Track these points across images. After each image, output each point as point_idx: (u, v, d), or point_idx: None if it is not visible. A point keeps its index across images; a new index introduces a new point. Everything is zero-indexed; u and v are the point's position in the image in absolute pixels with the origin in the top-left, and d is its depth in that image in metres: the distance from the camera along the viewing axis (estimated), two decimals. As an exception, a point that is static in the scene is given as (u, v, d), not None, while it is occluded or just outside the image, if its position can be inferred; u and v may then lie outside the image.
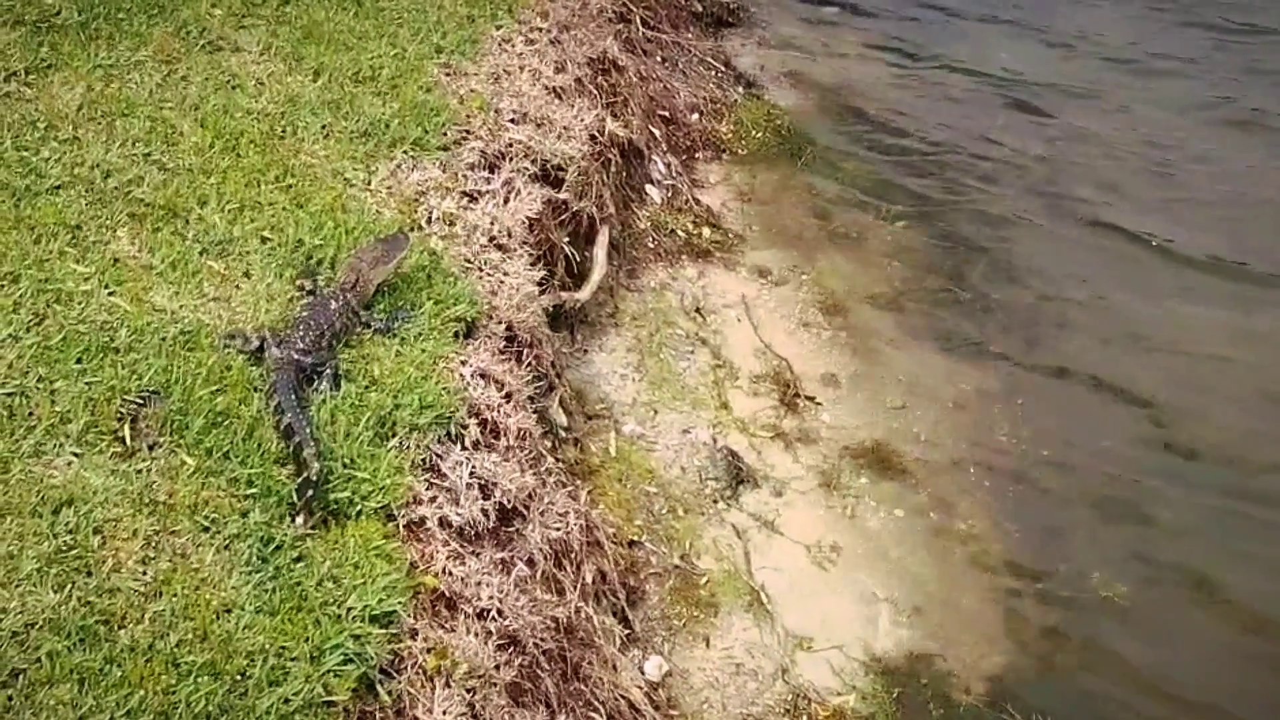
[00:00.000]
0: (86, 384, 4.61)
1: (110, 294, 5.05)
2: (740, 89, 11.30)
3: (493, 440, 5.48)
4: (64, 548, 4.07)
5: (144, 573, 4.08)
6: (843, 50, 12.31)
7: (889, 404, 7.89)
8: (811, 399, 7.84)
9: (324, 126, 6.58)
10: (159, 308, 5.05)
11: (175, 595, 4.05)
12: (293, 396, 4.80)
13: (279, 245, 5.65)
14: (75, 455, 4.38)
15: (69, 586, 3.96)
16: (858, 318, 8.67)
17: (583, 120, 8.00)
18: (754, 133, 10.63)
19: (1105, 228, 9.90)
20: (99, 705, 3.68)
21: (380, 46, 7.37)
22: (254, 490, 4.49)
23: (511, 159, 7.19)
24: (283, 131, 6.45)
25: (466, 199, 6.67)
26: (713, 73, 11.30)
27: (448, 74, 7.48)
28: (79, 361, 4.70)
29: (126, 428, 4.52)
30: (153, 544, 4.18)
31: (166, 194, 5.69)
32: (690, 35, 11.71)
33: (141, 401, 4.62)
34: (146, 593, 4.03)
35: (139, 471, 4.39)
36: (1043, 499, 7.35)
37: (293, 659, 4.03)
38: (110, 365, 4.71)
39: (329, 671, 4.05)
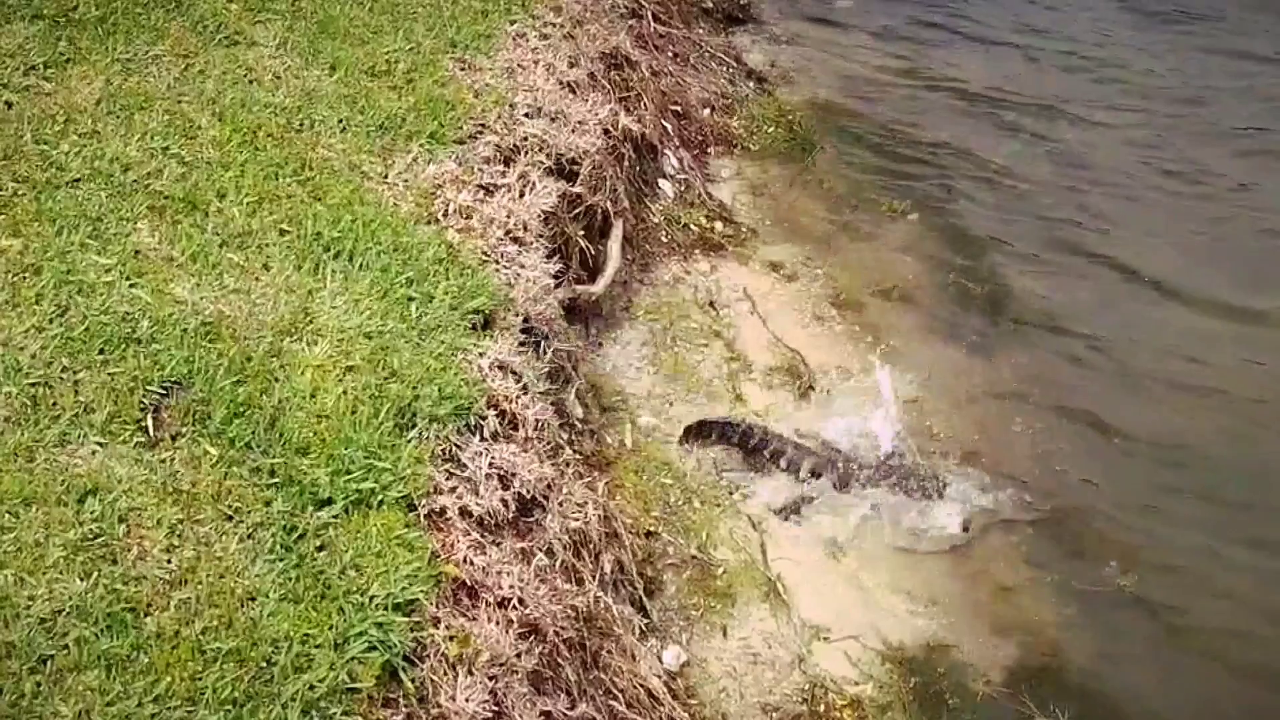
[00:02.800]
0: (109, 374, 4.63)
1: (131, 286, 5.06)
2: (751, 85, 11.29)
3: (511, 431, 5.49)
4: (90, 536, 4.09)
5: (169, 561, 4.10)
6: (854, 46, 12.30)
7: (903, 399, 7.87)
8: (826, 392, 7.83)
9: (341, 120, 6.59)
10: (180, 299, 5.06)
11: (200, 583, 4.07)
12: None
13: (298, 238, 5.66)
14: (99, 445, 4.40)
15: (95, 574, 3.98)
16: (870, 312, 8.67)
17: (596, 115, 8.01)
18: (765, 128, 10.63)
19: (1112, 243, 9.88)
20: (126, 691, 3.70)
21: (395, 41, 7.38)
22: (276, 479, 4.50)
23: (526, 153, 7.19)
24: (300, 125, 6.45)
25: (482, 192, 6.67)
26: (724, 68, 11.30)
27: (463, 68, 7.48)
28: (101, 352, 4.72)
29: (149, 418, 4.55)
30: (177, 532, 4.20)
31: (186, 187, 5.70)
32: (701, 31, 11.72)
33: (164, 392, 4.64)
34: (172, 580, 4.05)
35: (162, 461, 4.41)
36: (1057, 491, 7.33)
37: (317, 646, 4.04)
38: (132, 356, 4.72)
39: (353, 659, 4.06)
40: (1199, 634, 6.64)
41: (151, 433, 4.51)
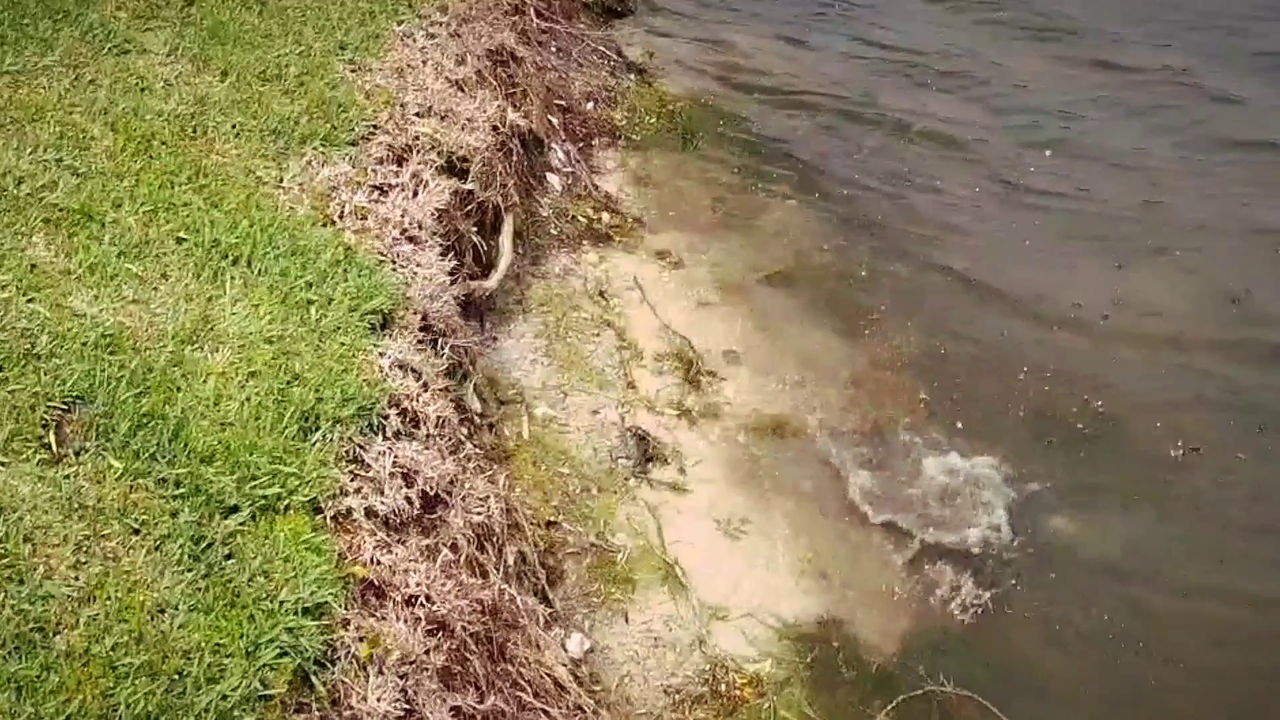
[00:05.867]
0: (9, 392, 4.44)
1: (29, 300, 4.85)
2: (632, 77, 11.19)
3: (413, 429, 5.40)
4: (-5, 556, 3.94)
5: (76, 578, 3.95)
6: (731, 36, 12.22)
7: (789, 379, 7.86)
8: (713, 375, 7.80)
9: (234, 126, 6.42)
10: (79, 312, 4.87)
11: (109, 599, 3.92)
12: None
13: (195, 245, 5.50)
14: (1, 464, 4.22)
15: (2, 595, 3.81)
16: (754, 296, 8.64)
17: (484, 111, 7.90)
18: (647, 119, 10.55)
19: (993, 197, 9.97)
20: (38, 713, 3.55)
21: (286, 45, 7.20)
22: (182, 490, 4.37)
23: (418, 152, 7.07)
24: (193, 132, 6.27)
25: (376, 193, 6.56)
26: (605, 61, 11.20)
27: (353, 70, 7.33)
28: (0, 370, 4.53)
29: (52, 434, 4.38)
30: (84, 549, 4.05)
31: (80, 198, 5.49)
32: (582, 25, 11.62)
33: (66, 407, 4.48)
34: (80, 598, 3.90)
35: (66, 477, 4.24)
36: (940, 465, 7.36)
37: (229, 655, 3.93)
38: (32, 372, 4.53)
39: (265, 666, 3.96)
40: (1087, 600, 6.69)
41: (54, 449, 4.34)
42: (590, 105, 10.41)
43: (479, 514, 5.47)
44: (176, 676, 3.81)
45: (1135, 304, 8.79)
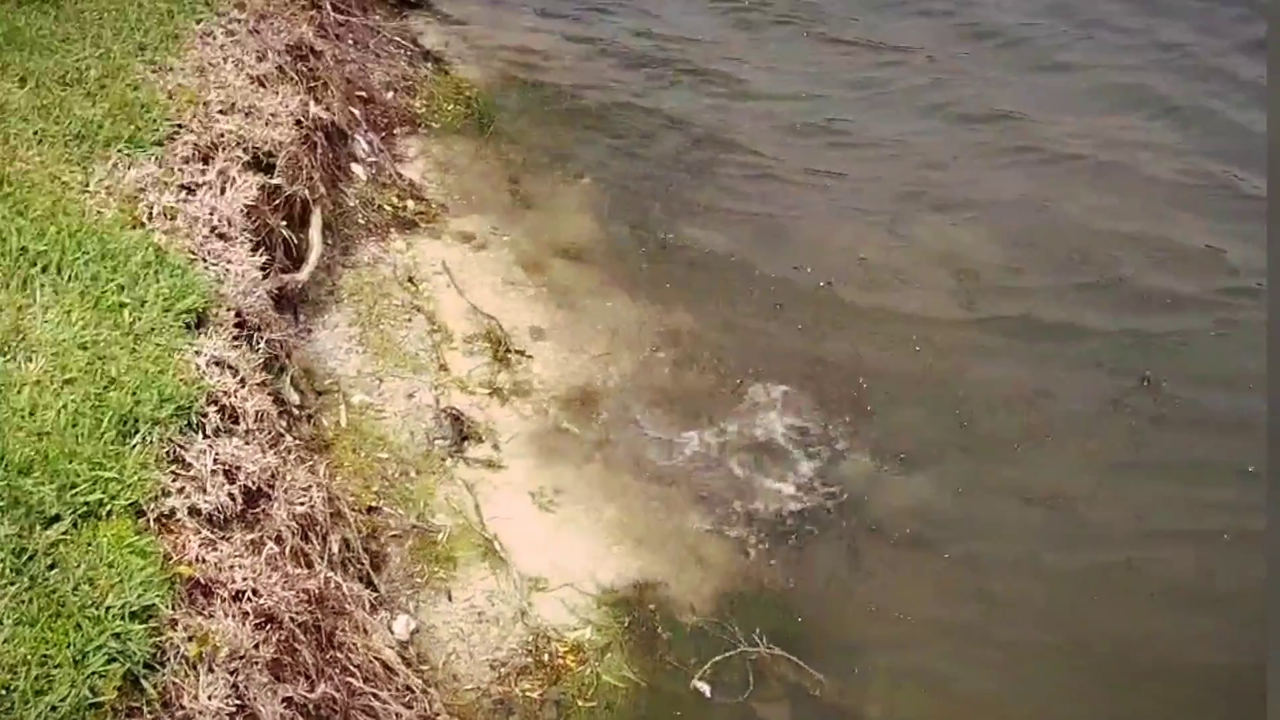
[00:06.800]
0: None
1: None
2: (429, 66, 11.00)
3: (233, 425, 5.25)
4: None
5: (-105, 601, 3.76)
6: (522, 23, 12.06)
7: (593, 351, 7.83)
8: (521, 353, 7.73)
9: (36, 132, 6.11)
10: (-117, 331, 4.62)
11: (-70, 621, 3.74)
12: None
13: (2, 255, 5.24)
14: None
15: None
16: (556, 273, 8.58)
17: (287, 106, 7.68)
18: (445, 106, 10.37)
19: (771, 178, 10.05)
20: None
21: (84, 48, 6.88)
22: (1, 503, 4.16)
23: (224, 149, 6.84)
24: (-6, 140, 5.97)
25: (185, 192, 6.33)
26: (403, 51, 10.99)
27: (154, 70, 7.04)
28: None
29: None
30: (-98, 570, 3.85)
31: (-121, 215, 5.20)
32: (378, 17, 11.37)
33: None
34: (-100, 622, 3.71)
35: (-119, 498, 4.03)
36: (747, 426, 7.42)
37: (56, 666, 3.79)
38: None
39: (94, 673, 3.82)
40: (895, 560, 6.81)
41: None
42: (390, 95, 10.21)
43: (301, 505, 5.35)
44: (3, 692, 3.65)
45: (911, 277, 8.93)
